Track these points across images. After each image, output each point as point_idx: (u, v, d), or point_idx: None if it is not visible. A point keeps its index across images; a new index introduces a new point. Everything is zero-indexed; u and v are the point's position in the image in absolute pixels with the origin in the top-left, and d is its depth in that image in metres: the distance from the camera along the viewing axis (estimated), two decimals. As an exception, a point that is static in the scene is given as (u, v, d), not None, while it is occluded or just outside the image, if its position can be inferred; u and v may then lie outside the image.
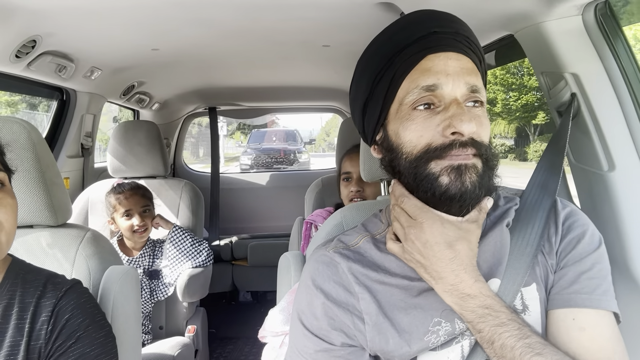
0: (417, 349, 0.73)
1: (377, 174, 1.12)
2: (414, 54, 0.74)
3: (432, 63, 0.73)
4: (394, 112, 0.77)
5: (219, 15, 1.44)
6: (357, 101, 0.85)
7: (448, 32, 0.75)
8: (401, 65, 0.75)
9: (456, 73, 0.73)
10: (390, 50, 0.77)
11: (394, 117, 0.77)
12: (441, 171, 0.71)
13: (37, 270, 0.95)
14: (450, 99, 0.72)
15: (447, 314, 0.73)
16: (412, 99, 0.73)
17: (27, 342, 0.85)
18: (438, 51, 0.74)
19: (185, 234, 2.06)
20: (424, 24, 0.76)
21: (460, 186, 0.70)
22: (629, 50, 1.06)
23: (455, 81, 0.72)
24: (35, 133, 1.09)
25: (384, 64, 0.77)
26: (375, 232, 0.85)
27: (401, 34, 0.77)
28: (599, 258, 0.76)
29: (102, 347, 0.89)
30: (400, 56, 0.75)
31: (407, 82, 0.75)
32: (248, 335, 3.02)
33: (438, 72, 0.72)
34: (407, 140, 0.74)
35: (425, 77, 0.73)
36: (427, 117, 0.72)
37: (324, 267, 0.80)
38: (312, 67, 2.40)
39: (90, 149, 2.42)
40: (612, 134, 1.05)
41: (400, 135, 0.75)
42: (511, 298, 0.73)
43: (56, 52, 1.67)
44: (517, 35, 1.19)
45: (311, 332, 0.77)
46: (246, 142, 16.57)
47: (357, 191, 1.72)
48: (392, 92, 0.77)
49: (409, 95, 0.74)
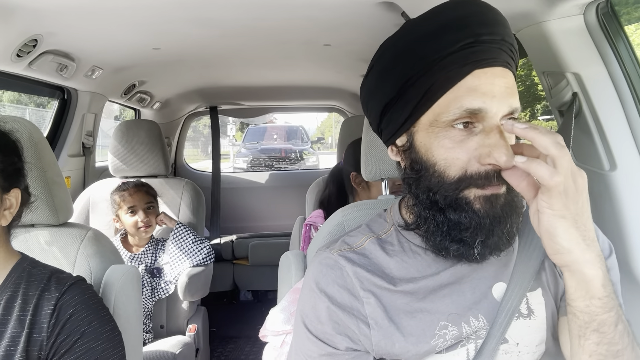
0: (423, 352, 0.72)
1: (379, 173, 1.12)
2: (458, 67, 0.66)
3: (478, 81, 0.66)
4: (426, 124, 0.70)
5: (220, 14, 1.44)
6: (377, 97, 0.76)
7: (496, 41, 0.68)
8: (442, 77, 0.67)
9: (501, 94, 0.66)
10: (430, 54, 0.68)
11: (425, 129, 0.70)
12: (474, 198, 0.68)
13: (43, 266, 0.96)
14: (492, 123, 0.66)
15: (453, 318, 0.72)
16: (451, 118, 0.67)
17: (27, 334, 0.85)
18: (485, 66, 0.67)
19: (187, 232, 2.07)
20: (471, 27, 0.67)
21: (493, 213, 0.68)
22: (630, 49, 1.06)
23: (499, 104, 0.66)
24: (36, 132, 1.09)
25: (421, 68, 0.68)
26: (380, 232, 0.83)
27: (443, 36, 0.67)
28: (611, 264, 0.77)
29: (109, 341, 0.90)
30: (441, 64, 0.67)
31: (447, 97, 0.67)
32: (249, 334, 3.02)
33: (485, 93, 0.66)
34: (441, 159, 0.69)
35: (470, 99, 0.66)
36: (464, 138, 0.67)
37: (328, 269, 0.78)
38: (313, 66, 2.40)
39: (92, 148, 2.43)
40: (613, 134, 1.05)
41: (434, 151, 0.69)
42: (517, 302, 0.72)
43: (57, 51, 1.68)
44: (519, 34, 1.18)
45: (315, 336, 0.75)
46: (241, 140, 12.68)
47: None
48: (427, 104, 0.69)
49: (449, 113, 0.67)
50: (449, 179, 0.68)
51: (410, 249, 0.78)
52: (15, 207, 0.90)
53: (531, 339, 0.74)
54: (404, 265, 0.77)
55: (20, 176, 0.94)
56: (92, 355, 0.87)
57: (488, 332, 0.72)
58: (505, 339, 0.73)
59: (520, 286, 0.73)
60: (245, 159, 10.47)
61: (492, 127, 0.66)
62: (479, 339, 0.73)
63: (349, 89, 3.10)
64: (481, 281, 0.75)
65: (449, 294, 0.74)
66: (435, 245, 0.73)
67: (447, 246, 0.71)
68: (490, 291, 0.75)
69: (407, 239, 0.80)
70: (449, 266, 0.76)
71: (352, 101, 3.41)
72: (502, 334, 0.71)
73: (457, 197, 0.68)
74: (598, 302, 0.62)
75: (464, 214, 0.68)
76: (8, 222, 0.90)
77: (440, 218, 0.70)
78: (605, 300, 0.62)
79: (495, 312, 0.73)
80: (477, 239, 0.69)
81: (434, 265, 0.76)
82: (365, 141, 1.12)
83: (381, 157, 1.10)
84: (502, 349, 0.72)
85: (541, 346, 0.74)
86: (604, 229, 0.84)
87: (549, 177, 0.59)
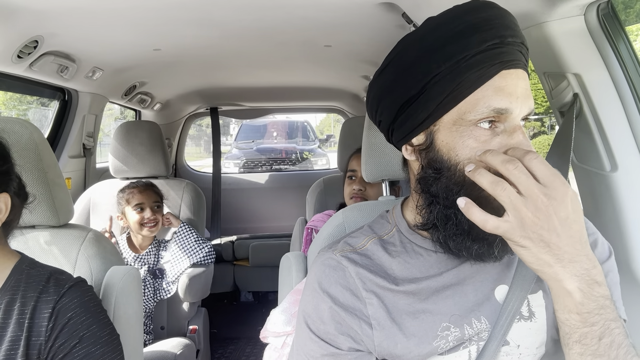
0: (426, 353, 0.72)
1: (379, 174, 1.12)
2: (486, 67, 0.67)
3: (505, 82, 0.67)
4: (449, 122, 0.70)
5: (220, 15, 1.44)
6: (393, 93, 0.74)
7: (517, 43, 0.69)
8: (470, 76, 0.67)
9: (523, 96, 0.68)
10: (457, 52, 0.67)
11: (448, 127, 0.70)
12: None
13: (42, 266, 0.95)
14: (514, 124, 0.68)
15: (455, 319, 0.72)
16: (478, 117, 0.67)
17: (27, 338, 0.84)
18: (511, 67, 0.68)
19: (190, 231, 2.09)
20: (497, 28, 0.68)
21: None
22: (631, 50, 1.06)
23: (522, 105, 0.68)
24: (37, 133, 1.09)
25: (448, 65, 0.68)
26: (382, 233, 0.84)
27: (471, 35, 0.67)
28: (611, 266, 0.77)
29: (107, 345, 0.89)
30: (468, 63, 0.67)
31: (475, 96, 0.67)
32: (249, 335, 3.01)
33: (510, 93, 0.67)
34: (465, 158, 0.68)
35: (498, 99, 0.66)
36: (489, 137, 0.68)
37: (330, 270, 0.79)
38: (314, 67, 2.40)
39: (92, 149, 2.43)
40: (614, 135, 1.05)
41: (458, 151, 0.69)
42: (518, 305, 0.72)
43: (58, 53, 1.68)
44: (519, 35, 1.18)
45: (318, 336, 0.76)
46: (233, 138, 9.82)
47: (358, 190, 1.76)
48: (452, 102, 0.69)
49: (476, 112, 0.67)
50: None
51: (413, 250, 0.79)
52: (4, 212, 0.87)
53: (532, 341, 0.74)
54: (406, 266, 0.77)
55: (8, 180, 0.90)
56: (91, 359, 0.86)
57: (490, 334, 0.72)
58: (507, 341, 0.73)
59: (522, 289, 0.73)
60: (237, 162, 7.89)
61: (514, 128, 0.67)
62: (481, 340, 0.73)
63: (349, 89, 3.10)
64: (484, 283, 0.75)
65: (451, 295, 0.74)
66: (456, 245, 0.72)
67: (470, 245, 0.70)
68: (492, 293, 0.75)
69: (409, 239, 0.80)
70: (451, 267, 0.76)
71: (353, 102, 3.41)
72: (504, 336, 0.72)
73: (479, 196, 0.66)
74: (577, 316, 0.61)
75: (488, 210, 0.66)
76: None
77: (461, 217, 0.69)
78: (585, 315, 0.61)
79: (497, 314, 0.73)
80: (497, 237, 0.67)
81: (436, 266, 0.76)
82: (365, 142, 1.12)
83: (382, 158, 1.10)
84: (504, 351, 0.73)
85: (541, 348, 0.74)
86: (605, 230, 0.84)
87: (486, 225, 0.61)
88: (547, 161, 0.70)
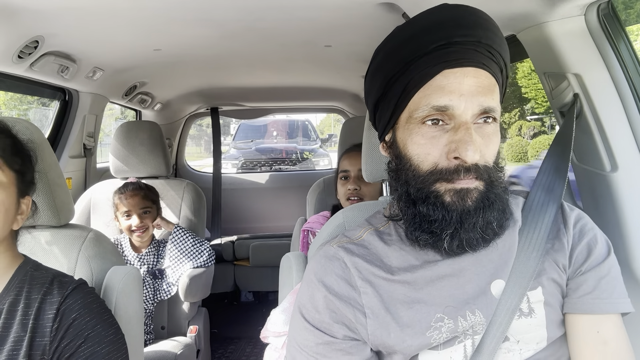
0: (418, 344, 0.73)
1: (379, 174, 1.12)
2: (429, 67, 0.71)
3: (446, 80, 0.70)
4: (404, 121, 0.76)
5: (221, 15, 1.44)
6: (371, 95, 0.83)
7: (469, 42, 0.71)
8: (416, 76, 0.72)
9: (471, 93, 0.70)
10: (408, 55, 0.73)
11: (403, 126, 0.76)
12: (445, 192, 0.72)
13: (46, 269, 0.97)
14: (461, 120, 0.70)
15: (450, 311, 0.73)
16: (422, 115, 0.72)
17: (30, 338, 0.85)
18: (455, 66, 0.71)
19: (186, 234, 2.07)
20: (446, 29, 0.71)
21: (462, 206, 0.71)
22: (631, 50, 1.06)
23: (468, 102, 0.70)
24: (37, 133, 1.09)
25: (400, 68, 0.74)
26: (379, 225, 0.86)
27: (421, 38, 0.72)
28: (612, 261, 0.79)
29: (113, 344, 0.90)
30: (416, 65, 0.72)
31: (419, 95, 0.72)
32: (250, 335, 3.02)
33: (452, 91, 0.70)
34: (414, 154, 0.74)
35: (437, 97, 0.70)
36: (435, 135, 0.72)
37: (326, 261, 0.81)
38: (314, 67, 2.40)
39: (93, 149, 2.43)
40: (614, 135, 1.05)
41: (408, 147, 0.75)
42: (516, 301, 0.73)
43: (59, 53, 1.68)
44: (519, 35, 1.18)
45: (312, 325, 0.77)
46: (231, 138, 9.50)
47: (354, 189, 1.72)
48: (404, 100, 0.74)
49: (420, 110, 0.72)
50: (421, 173, 0.73)
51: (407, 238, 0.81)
52: (26, 213, 0.94)
53: (532, 337, 0.75)
54: (402, 254, 0.79)
55: (34, 185, 0.99)
56: (97, 359, 0.87)
57: (486, 329, 0.73)
58: (507, 337, 0.73)
59: (520, 285, 0.74)
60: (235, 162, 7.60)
61: (460, 124, 0.70)
62: (475, 334, 0.73)
63: (350, 89, 3.10)
64: (480, 277, 0.76)
65: (447, 286, 0.75)
66: (409, 235, 0.78)
67: (418, 236, 0.75)
68: (488, 287, 0.76)
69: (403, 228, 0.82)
70: (447, 257, 0.77)
71: (353, 102, 3.41)
72: (503, 332, 0.72)
73: (428, 191, 0.72)
74: None
75: (432, 207, 0.72)
76: (19, 226, 0.93)
77: (412, 210, 0.75)
78: None
79: (493, 309, 0.74)
80: (445, 231, 0.72)
81: (431, 253, 0.78)
82: (366, 142, 1.12)
83: (382, 158, 1.10)
84: (504, 347, 0.73)
85: (541, 344, 0.75)
86: (605, 230, 0.84)
87: None
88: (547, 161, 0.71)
